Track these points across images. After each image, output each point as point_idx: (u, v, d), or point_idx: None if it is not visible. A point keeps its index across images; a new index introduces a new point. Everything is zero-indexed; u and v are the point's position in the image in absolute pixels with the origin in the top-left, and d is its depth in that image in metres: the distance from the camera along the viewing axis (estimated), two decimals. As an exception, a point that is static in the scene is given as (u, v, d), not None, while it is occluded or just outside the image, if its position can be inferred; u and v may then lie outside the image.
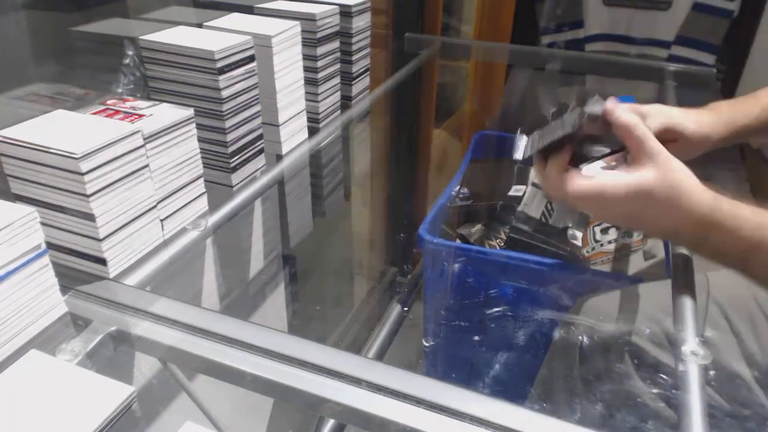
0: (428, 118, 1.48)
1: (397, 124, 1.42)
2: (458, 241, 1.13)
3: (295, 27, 0.74)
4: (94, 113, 0.57)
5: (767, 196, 1.05)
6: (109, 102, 0.60)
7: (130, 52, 0.65)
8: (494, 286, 1.01)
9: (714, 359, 0.50)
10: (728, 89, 1.77)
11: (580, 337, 0.79)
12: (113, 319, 0.49)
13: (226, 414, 0.86)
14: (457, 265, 1.01)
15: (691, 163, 0.54)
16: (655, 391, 0.68)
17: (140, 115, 0.57)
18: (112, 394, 0.38)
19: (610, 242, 1.12)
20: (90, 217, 0.51)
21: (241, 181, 0.71)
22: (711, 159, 0.69)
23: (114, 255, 0.54)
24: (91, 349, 0.46)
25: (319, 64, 0.83)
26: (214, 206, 0.66)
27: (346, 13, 0.88)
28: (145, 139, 0.54)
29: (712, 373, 0.51)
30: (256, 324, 0.49)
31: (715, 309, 0.71)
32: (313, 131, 0.85)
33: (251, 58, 0.68)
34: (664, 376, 0.67)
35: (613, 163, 0.57)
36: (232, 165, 0.69)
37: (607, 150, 0.59)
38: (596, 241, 1.13)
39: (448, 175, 1.55)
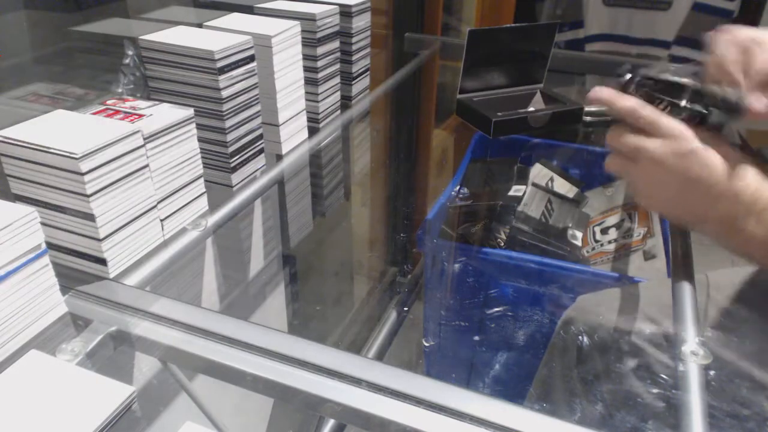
0: (428, 118, 1.48)
1: (397, 124, 1.42)
2: (458, 241, 1.13)
3: (295, 27, 0.74)
4: (94, 113, 0.57)
5: None
6: (109, 102, 0.60)
7: (130, 52, 0.65)
8: (494, 286, 1.01)
9: (714, 359, 0.50)
10: (728, 89, 1.77)
11: (579, 337, 0.79)
12: (113, 319, 0.49)
13: (226, 414, 0.86)
14: (457, 265, 1.01)
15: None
16: (655, 391, 0.68)
17: (140, 115, 0.57)
18: (112, 394, 0.38)
19: (610, 242, 1.12)
20: (90, 217, 0.51)
21: (241, 181, 0.71)
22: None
23: (114, 255, 0.54)
24: (91, 349, 0.46)
25: (319, 64, 0.83)
26: (214, 206, 0.66)
27: (346, 13, 0.88)
28: (145, 139, 0.54)
29: (712, 373, 0.51)
30: (256, 324, 0.49)
31: (715, 309, 0.71)
32: (313, 131, 0.85)
33: (251, 58, 0.68)
34: (664, 376, 0.67)
35: None
36: (232, 165, 0.69)
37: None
38: (596, 241, 1.13)
39: (448, 175, 1.55)
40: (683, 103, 0.56)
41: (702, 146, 0.54)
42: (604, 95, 0.59)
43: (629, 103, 0.57)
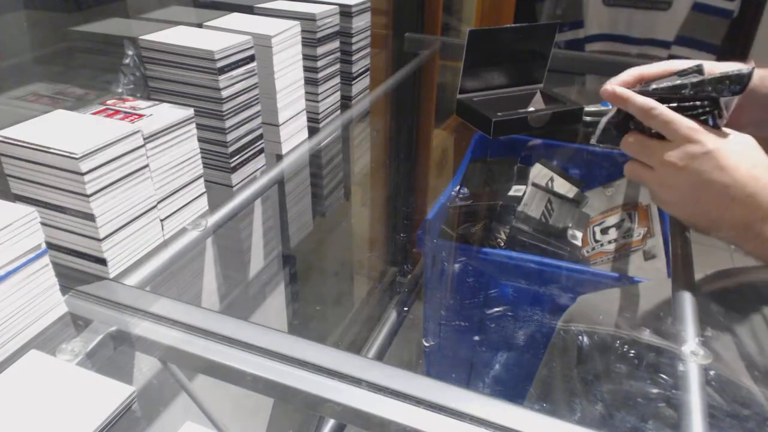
0: (428, 118, 1.48)
1: (397, 124, 1.42)
2: (458, 241, 1.13)
3: (295, 27, 0.74)
4: (94, 113, 0.57)
5: None
6: (109, 102, 0.60)
7: (130, 52, 0.65)
8: (494, 286, 1.01)
9: (714, 359, 0.50)
10: (728, 89, 1.77)
11: (579, 337, 0.78)
12: (113, 319, 0.49)
13: (226, 414, 0.86)
14: (457, 265, 1.01)
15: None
16: (655, 391, 0.68)
17: (140, 115, 0.57)
18: (112, 394, 0.38)
19: (610, 242, 1.12)
20: (90, 217, 0.51)
21: (241, 181, 0.71)
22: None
23: (114, 255, 0.54)
24: (91, 349, 0.46)
25: (319, 64, 0.83)
26: (214, 206, 0.66)
27: (346, 13, 0.88)
28: (145, 139, 0.54)
29: (712, 373, 0.51)
30: (256, 324, 0.49)
31: (715, 309, 0.71)
32: (313, 131, 0.85)
33: (251, 58, 0.68)
34: (664, 376, 0.67)
35: None
36: (232, 165, 0.69)
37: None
38: (596, 241, 1.13)
39: (448, 175, 1.55)
40: (691, 101, 0.56)
41: (716, 148, 0.54)
42: (618, 93, 0.59)
43: (642, 101, 0.57)
